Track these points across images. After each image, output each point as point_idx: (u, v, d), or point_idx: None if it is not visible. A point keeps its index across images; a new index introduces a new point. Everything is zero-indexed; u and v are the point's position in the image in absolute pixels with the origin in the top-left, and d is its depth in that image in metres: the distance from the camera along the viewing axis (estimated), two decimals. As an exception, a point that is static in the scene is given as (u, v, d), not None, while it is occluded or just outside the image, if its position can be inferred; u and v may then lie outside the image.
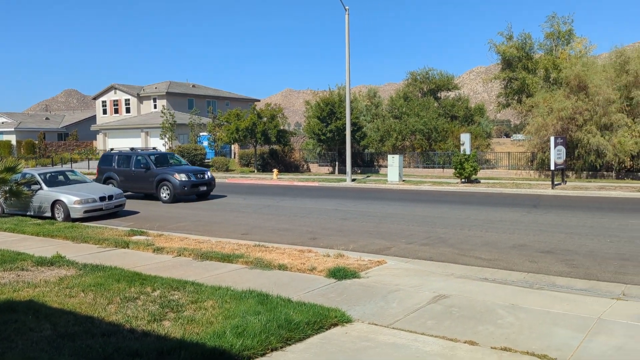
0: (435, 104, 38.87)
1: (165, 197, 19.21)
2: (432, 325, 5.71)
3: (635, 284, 7.56)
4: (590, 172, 26.96)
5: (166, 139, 40.25)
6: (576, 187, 21.92)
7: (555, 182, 22.59)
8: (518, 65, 32.86)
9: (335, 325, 5.72)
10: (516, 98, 33.80)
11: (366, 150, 35.71)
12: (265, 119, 35.30)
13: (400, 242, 11.01)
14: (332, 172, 34.83)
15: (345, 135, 28.10)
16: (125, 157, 20.86)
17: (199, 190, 19.73)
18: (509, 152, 31.96)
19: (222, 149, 41.62)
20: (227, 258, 9.06)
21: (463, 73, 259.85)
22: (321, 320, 5.67)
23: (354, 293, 7.03)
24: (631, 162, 26.05)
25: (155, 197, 19.74)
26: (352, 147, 28.38)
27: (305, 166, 38.01)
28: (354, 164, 32.86)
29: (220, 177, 28.74)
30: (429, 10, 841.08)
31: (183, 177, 19.19)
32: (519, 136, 79.30)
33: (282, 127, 36.82)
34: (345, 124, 28.29)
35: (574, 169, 27.07)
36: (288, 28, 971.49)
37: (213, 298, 6.54)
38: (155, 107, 50.03)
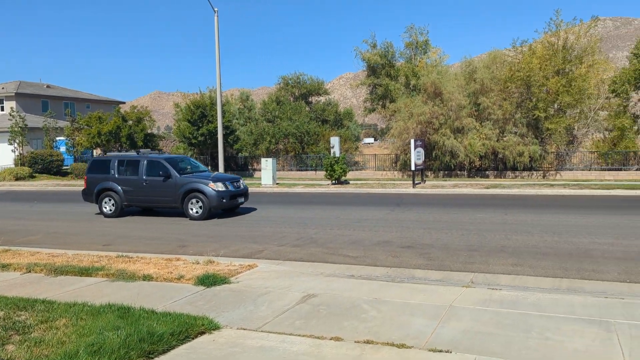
0: (307, 108, 39.86)
1: (195, 212, 15.19)
2: (300, 325, 5.80)
3: (481, 272, 8.37)
4: (446, 172, 29.46)
5: (16, 144, 36.45)
6: (434, 186, 23.77)
7: (416, 182, 24.30)
8: (382, 72, 34.84)
9: (203, 333, 5.57)
10: (381, 103, 35.80)
11: (240, 154, 35.49)
12: (131, 122, 33.56)
13: (272, 245, 11.07)
14: (205, 177, 34.05)
15: (217, 138, 27.64)
16: (130, 162, 16.39)
17: (236, 203, 15.96)
18: (375, 154, 33.79)
19: (82, 155, 38.62)
20: (85, 272, 8.39)
21: (333, 79, 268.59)
22: (187, 329, 5.48)
23: (223, 299, 6.90)
24: (480, 162, 28.94)
25: (178, 212, 15.91)
26: (225, 151, 28.01)
27: (176, 171, 36.68)
28: (228, 168, 32.45)
29: (79, 186, 26.61)
30: (300, 16, 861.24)
31: (220, 186, 15.28)
32: (368, 139, 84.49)
33: (150, 131, 35.25)
34: (217, 127, 27.83)
35: (432, 169, 29.40)
36: (156, 28, 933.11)
37: (66, 316, 6.01)
38: (2, 109, 45.05)
